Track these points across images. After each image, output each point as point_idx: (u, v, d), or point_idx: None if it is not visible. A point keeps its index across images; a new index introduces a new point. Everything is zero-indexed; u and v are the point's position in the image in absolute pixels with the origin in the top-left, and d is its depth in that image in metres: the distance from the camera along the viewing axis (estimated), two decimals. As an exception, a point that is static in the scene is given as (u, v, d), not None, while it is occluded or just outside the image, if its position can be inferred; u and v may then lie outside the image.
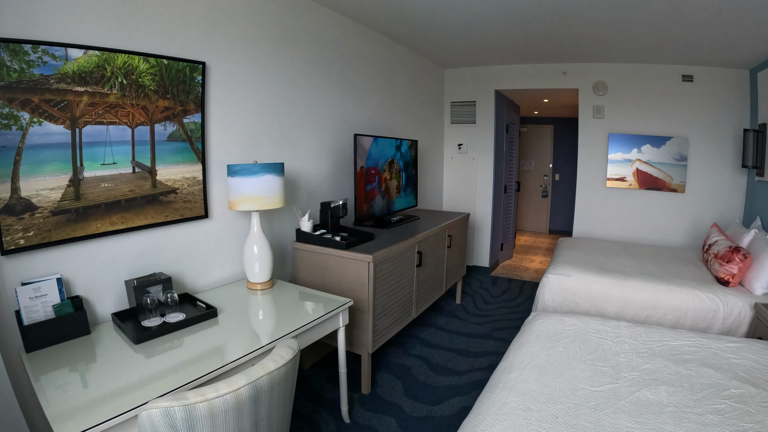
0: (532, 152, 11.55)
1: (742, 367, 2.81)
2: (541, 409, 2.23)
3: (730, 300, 4.07)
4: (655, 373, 2.71)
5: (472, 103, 7.36)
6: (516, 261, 8.72)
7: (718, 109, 6.33)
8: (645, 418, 2.23)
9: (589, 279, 4.48)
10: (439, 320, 5.44)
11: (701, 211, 6.48)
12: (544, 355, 2.84)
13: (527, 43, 5.67)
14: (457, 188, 7.62)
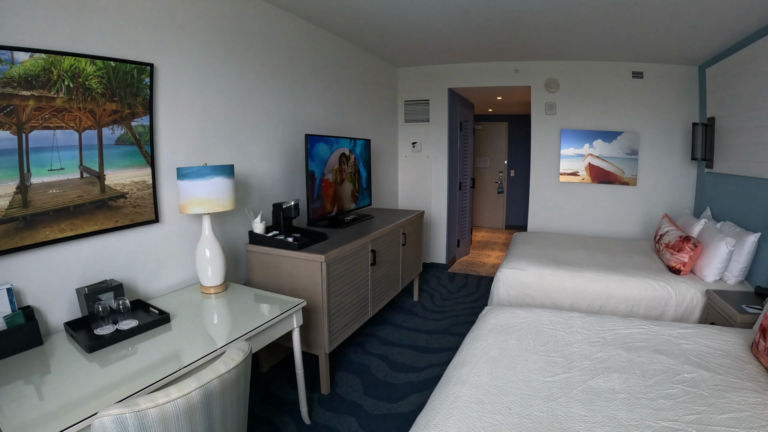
0: (487, 149, 11.65)
1: (694, 352, 2.88)
2: (494, 402, 2.24)
3: (682, 288, 4.21)
4: (607, 361, 2.75)
5: (425, 101, 7.36)
6: (473, 257, 8.79)
7: (667, 104, 6.52)
8: (598, 405, 2.26)
9: (542, 272, 4.54)
10: (397, 318, 5.45)
11: (653, 203, 6.68)
12: (497, 348, 2.86)
13: (479, 42, 5.70)
14: (412, 186, 7.62)
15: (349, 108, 5.81)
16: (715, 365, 2.73)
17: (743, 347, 2.98)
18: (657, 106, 6.55)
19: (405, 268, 5.33)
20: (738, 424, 2.15)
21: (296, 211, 3.98)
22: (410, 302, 6.03)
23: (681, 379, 2.56)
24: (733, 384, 2.51)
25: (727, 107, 5.25)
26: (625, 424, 2.12)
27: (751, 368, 2.70)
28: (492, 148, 11.61)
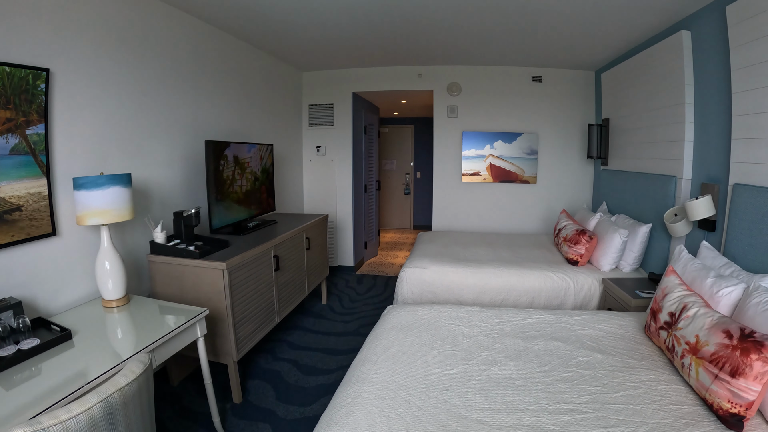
0: (393, 152, 11.73)
1: (589, 337, 3.01)
2: (394, 397, 2.26)
3: (580, 278, 4.42)
4: (504, 351, 2.82)
5: (329, 105, 7.29)
6: (381, 258, 8.81)
7: (565, 106, 6.86)
8: (495, 393, 2.32)
9: (445, 269, 4.59)
10: (306, 322, 5.39)
11: (552, 200, 6.99)
12: (397, 345, 2.87)
13: (383, 47, 5.72)
14: (317, 190, 7.51)
15: (252, 113, 5.68)
16: (610, 348, 2.87)
17: (637, 329, 3.14)
18: (555, 109, 6.88)
19: (311, 272, 5.26)
20: (632, 400, 2.26)
21: (197, 218, 3.86)
22: (319, 306, 5.99)
23: (576, 363, 2.67)
24: (627, 364, 2.65)
25: (620, 109, 5.59)
26: (522, 408, 2.19)
27: (644, 348, 2.86)
28: (398, 150, 11.71)
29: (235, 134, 5.21)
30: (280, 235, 4.36)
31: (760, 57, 3.05)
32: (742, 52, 3.25)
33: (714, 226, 3.65)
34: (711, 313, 2.44)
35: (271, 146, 5.29)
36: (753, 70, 3.14)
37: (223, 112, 4.99)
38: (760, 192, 3.01)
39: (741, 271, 2.97)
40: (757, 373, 1.96)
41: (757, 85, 3.11)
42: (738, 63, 3.31)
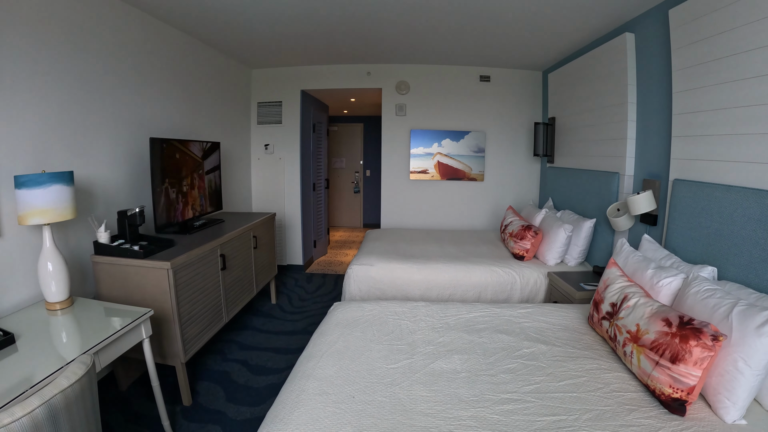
0: (343, 150, 11.70)
1: (534, 329, 3.06)
2: (338, 392, 2.25)
3: (526, 272, 4.51)
4: (449, 344, 2.84)
5: (278, 103, 7.21)
6: (330, 256, 8.77)
7: (513, 105, 6.98)
8: (439, 386, 2.34)
9: (392, 266, 4.60)
10: (255, 322, 5.32)
11: (500, 197, 7.10)
12: (342, 341, 2.85)
13: (331, 44, 5.69)
14: (265, 189, 7.42)
15: (200, 110, 5.55)
16: (554, 339, 2.93)
17: (581, 320, 3.22)
18: (503, 108, 6.99)
19: (258, 271, 5.19)
20: (575, 389, 2.31)
21: (141, 218, 3.75)
22: (268, 305, 5.93)
23: (521, 354, 2.71)
24: (571, 354, 2.71)
25: (565, 108, 5.72)
26: (466, 399, 2.22)
27: (588, 338, 2.94)
28: (348, 148, 11.69)
29: (182, 131, 5.09)
30: (226, 234, 4.28)
31: (700, 59, 3.18)
32: (683, 53, 3.37)
33: (655, 220, 3.78)
34: (651, 302, 2.52)
35: (219, 144, 5.19)
36: (692, 71, 3.27)
37: (170, 109, 4.87)
38: (698, 187, 3.14)
39: (681, 263, 3.09)
40: (697, 358, 2.04)
41: (696, 85, 3.24)
42: (679, 64, 3.43)
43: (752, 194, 2.66)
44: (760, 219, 2.59)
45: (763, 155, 2.67)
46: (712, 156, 3.09)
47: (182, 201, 4.35)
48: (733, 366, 2.06)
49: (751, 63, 2.73)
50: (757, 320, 2.04)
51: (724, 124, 2.98)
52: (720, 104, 3.02)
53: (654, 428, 2.02)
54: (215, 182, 5.09)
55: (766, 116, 2.64)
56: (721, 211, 2.89)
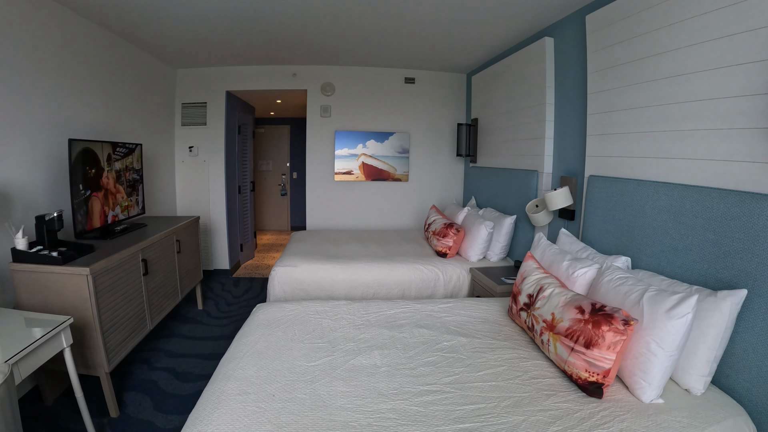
0: (270, 152, 11.53)
1: (454, 323, 3.11)
2: (258, 391, 2.23)
3: (449, 269, 4.59)
4: (370, 341, 2.85)
5: (203, 104, 7.00)
6: (258, 260, 8.64)
7: (437, 107, 7.09)
8: (359, 381, 2.35)
9: (315, 267, 4.60)
10: (182, 329, 5.18)
11: (424, 196, 7.19)
12: (263, 341, 2.82)
13: (257, 45, 5.63)
14: (190, 192, 7.19)
15: (122, 110, 5.32)
16: (474, 331, 2.98)
17: (501, 313, 3.29)
18: (427, 109, 7.09)
19: (183, 276, 5.04)
20: (494, 378, 2.36)
21: (60, 222, 3.58)
22: (195, 311, 5.79)
23: (440, 347, 2.75)
24: (491, 345, 2.76)
25: (488, 109, 5.85)
26: (386, 393, 2.23)
27: (507, 330, 3.00)
28: (274, 150, 11.52)
29: (104, 133, 4.87)
30: (148, 238, 4.14)
31: (613, 61, 3.34)
32: (598, 57, 3.53)
33: (573, 215, 3.92)
34: (565, 292, 2.61)
35: (141, 146, 5.00)
36: (606, 73, 3.43)
37: (91, 109, 4.65)
38: (611, 182, 3.28)
39: (597, 254, 3.23)
40: (610, 342, 2.12)
41: (609, 86, 3.40)
42: (594, 67, 3.59)
43: (662, 187, 2.81)
44: (669, 210, 2.72)
45: (671, 151, 2.82)
46: (625, 153, 3.24)
47: (103, 205, 4.18)
48: (646, 348, 2.16)
49: (661, 65, 2.89)
50: (666, 304, 2.15)
51: (636, 123, 3.13)
52: (631, 104, 3.18)
53: (572, 411, 2.08)
54: (137, 185, 4.92)
55: (674, 115, 2.79)
56: (634, 204, 3.03)
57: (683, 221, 2.63)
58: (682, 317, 2.07)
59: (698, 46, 2.61)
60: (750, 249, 2.20)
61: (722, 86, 2.46)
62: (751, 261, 2.19)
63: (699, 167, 2.63)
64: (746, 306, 2.18)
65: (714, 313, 2.16)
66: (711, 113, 2.55)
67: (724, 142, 2.46)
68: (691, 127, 2.68)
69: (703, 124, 2.60)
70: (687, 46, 2.69)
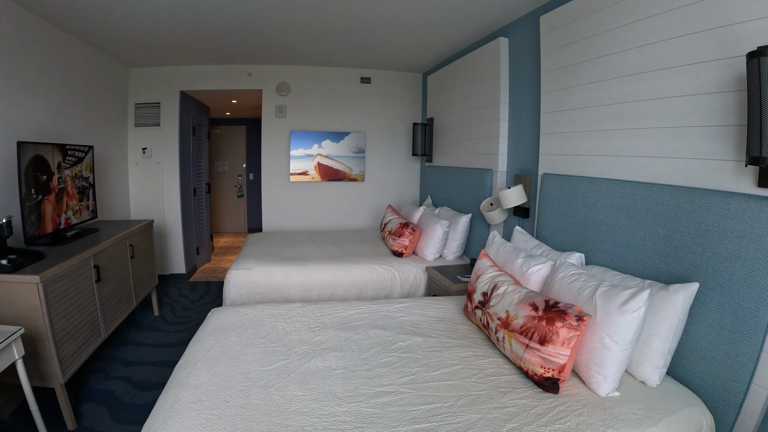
0: (226, 153, 11.34)
1: (410, 323, 3.09)
2: (212, 398, 2.17)
3: (405, 268, 4.60)
4: (325, 343, 2.82)
5: (156, 104, 6.80)
6: (215, 263, 8.50)
7: (393, 106, 7.10)
8: (314, 384, 2.31)
9: (270, 269, 4.53)
10: (138, 336, 5.05)
11: (381, 196, 7.20)
12: (217, 346, 2.75)
13: (210, 44, 5.50)
14: (144, 195, 6.95)
15: (73, 111, 5.11)
16: (430, 330, 2.97)
17: (457, 311, 3.29)
18: (384, 109, 7.10)
19: (137, 282, 4.88)
20: (450, 377, 2.35)
21: (9, 229, 3.44)
22: (151, 317, 5.65)
23: (396, 347, 2.73)
24: (446, 344, 2.75)
25: (443, 109, 5.88)
26: (341, 396, 2.20)
27: (463, 328, 3.00)
28: (230, 151, 11.33)
29: (54, 134, 4.67)
30: (100, 244, 4.03)
31: (566, 61, 3.39)
32: (551, 56, 3.57)
33: (528, 213, 3.96)
34: (519, 289, 2.62)
35: (92, 148, 4.83)
36: (559, 73, 3.48)
37: (41, 110, 4.44)
38: (564, 180, 3.33)
39: (551, 251, 3.27)
40: (564, 338, 2.13)
41: (562, 86, 3.44)
42: (547, 66, 3.63)
43: (614, 184, 2.85)
44: (621, 207, 2.77)
45: (623, 149, 2.87)
46: (577, 151, 3.28)
47: (53, 210, 4.04)
48: (600, 343, 2.18)
49: (613, 65, 2.95)
50: (619, 299, 2.18)
51: (588, 122, 3.18)
52: (584, 103, 3.23)
53: (528, 407, 2.09)
54: (89, 189, 4.76)
55: (626, 113, 2.85)
56: (587, 201, 3.07)
57: (635, 217, 2.67)
58: (635, 312, 2.10)
59: (650, 46, 2.66)
60: (701, 243, 2.25)
61: (673, 86, 2.52)
62: (702, 255, 2.24)
63: (650, 164, 2.68)
64: (699, 299, 2.23)
65: (667, 307, 2.20)
66: (662, 112, 2.60)
67: (675, 140, 2.51)
68: (643, 126, 2.73)
69: (654, 123, 2.65)
70: (639, 46, 2.74)
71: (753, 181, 2.09)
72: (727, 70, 2.20)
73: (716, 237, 2.17)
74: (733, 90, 2.18)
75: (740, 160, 2.14)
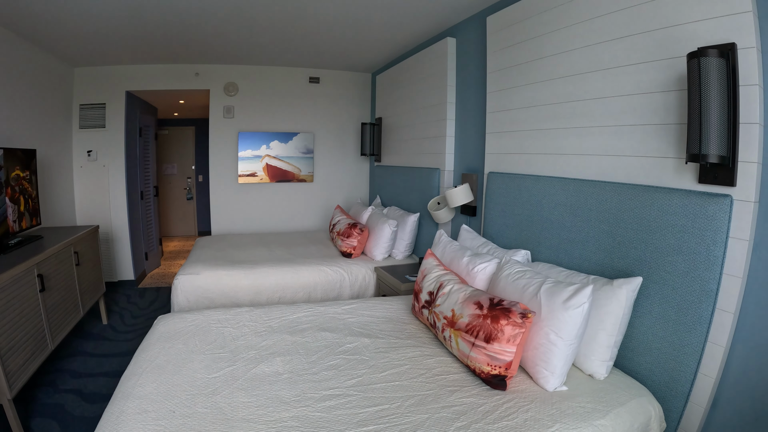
0: (174, 155, 11.06)
1: (357, 324, 3.07)
2: (158, 408, 2.11)
3: (354, 269, 4.58)
4: (272, 347, 2.79)
5: (102, 105, 6.53)
6: (164, 268, 8.31)
7: (342, 106, 7.09)
8: (261, 390, 2.28)
9: (218, 273, 4.46)
10: (87, 346, 4.89)
11: (330, 197, 7.18)
12: (163, 355, 2.67)
13: (158, 43, 5.37)
14: (90, 199, 6.70)
15: (13, 112, 4.81)
16: (377, 331, 2.96)
17: (405, 311, 3.29)
18: (332, 109, 7.08)
19: (84, 290, 4.68)
20: (398, 377, 2.34)
21: None
22: (100, 326, 5.48)
23: (343, 349, 2.71)
24: (394, 344, 2.74)
25: (392, 108, 5.91)
26: (288, 401, 2.17)
27: (411, 328, 3.00)
28: (179, 153, 11.06)
29: None
30: (44, 252, 3.88)
31: (511, 61, 3.44)
32: (497, 56, 3.62)
33: (475, 211, 3.99)
34: (464, 288, 2.64)
35: (35, 151, 4.63)
36: (504, 73, 3.53)
37: None
38: (509, 178, 3.37)
39: (497, 249, 3.30)
40: (509, 336, 2.14)
41: (508, 85, 3.49)
42: (493, 66, 3.68)
43: (558, 182, 2.90)
44: (565, 204, 2.82)
45: (567, 147, 2.92)
46: (522, 150, 3.33)
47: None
48: (546, 339, 2.20)
49: (557, 65, 3.00)
50: (563, 295, 2.21)
51: (533, 121, 3.23)
52: (529, 102, 3.28)
53: (476, 405, 2.09)
54: (32, 194, 4.57)
55: (570, 112, 2.90)
56: (532, 199, 3.11)
57: (579, 214, 2.72)
58: (579, 307, 2.13)
59: (593, 47, 2.71)
60: (644, 239, 2.30)
61: (615, 85, 2.57)
62: (645, 250, 2.30)
63: (594, 162, 2.73)
64: (643, 292, 2.29)
65: (611, 301, 2.25)
66: (604, 111, 2.65)
67: (618, 139, 2.57)
68: (586, 124, 2.78)
69: (597, 122, 2.71)
70: (582, 47, 2.79)
71: (694, 178, 2.15)
72: (668, 70, 2.26)
73: (659, 232, 2.22)
74: (674, 89, 2.23)
75: (681, 158, 2.20)
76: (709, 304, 2.04)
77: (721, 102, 1.89)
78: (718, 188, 2.05)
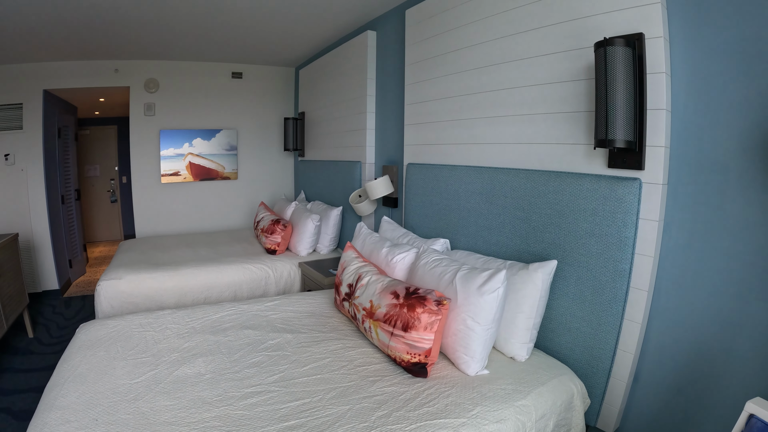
0: (97, 156, 10.53)
1: (280, 320, 3.06)
2: (81, 418, 2.01)
3: (279, 265, 4.55)
4: (194, 349, 2.74)
5: (18, 105, 6.16)
6: (90, 275, 7.99)
7: (266, 101, 7.03)
8: (183, 392, 2.24)
9: (141, 277, 4.33)
10: (14, 362, 4.66)
11: (255, 194, 7.10)
12: (84, 364, 2.61)
13: (74, 38, 5.09)
14: (8, 206, 6.22)
15: None
16: (300, 326, 2.95)
17: (328, 305, 3.29)
18: (256, 104, 7.00)
19: (6, 303, 4.38)
20: (319, 371, 2.34)
21: None
22: (26, 340, 5.23)
23: (266, 346, 2.69)
24: (316, 338, 2.74)
25: (314, 102, 5.90)
26: (210, 401, 2.15)
27: (334, 321, 3.00)
28: (102, 154, 10.54)
29: None
30: None
31: (429, 53, 3.48)
32: (414, 49, 3.66)
33: (396, 203, 4.04)
34: (382, 278, 2.66)
35: None
36: (422, 65, 3.57)
37: None
38: (427, 168, 3.43)
39: (417, 239, 3.33)
40: (426, 323, 2.17)
41: (425, 77, 3.54)
42: (411, 59, 3.72)
43: (473, 171, 2.96)
44: (481, 192, 2.89)
45: (482, 136, 2.99)
46: (439, 140, 3.39)
47: None
48: (463, 325, 2.24)
49: (472, 57, 3.06)
50: (477, 281, 2.25)
51: (449, 111, 3.29)
52: (445, 94, 3.33)
53: (397, 394, 2.11)
54: None
55: (484, 102, 2.97)
56: (449, 189, 3.17)
57: (495, 201, 2.79)
58: (493, 292, 2.17)
59: (507, 38, 2.77)
60: (557, 223, 2.38)
61: (528, 75, 2.64)
62: (558, 233, 2.38)
63: (508, 150, 2.80)
64: (559, 275, 2.37)
65: (527, 285, 2.32)
66: (518, 100, 2.72)
67: (530, 126, 2.64)
68: (501, 114, 2.85)
69: (510, 111, 2.78)
70: (497, 38, 2.85)
71: (603, 163, 2.23)
72: (578, 60, 2.33)
73: (571, 216, 2.30)
74: (584, 78, 2.31)
75: (591, 144, 2.27)
76: (623, 283, 2.12)
77: (627, 89, 1.96)
78: (627, 172, 2.13)
